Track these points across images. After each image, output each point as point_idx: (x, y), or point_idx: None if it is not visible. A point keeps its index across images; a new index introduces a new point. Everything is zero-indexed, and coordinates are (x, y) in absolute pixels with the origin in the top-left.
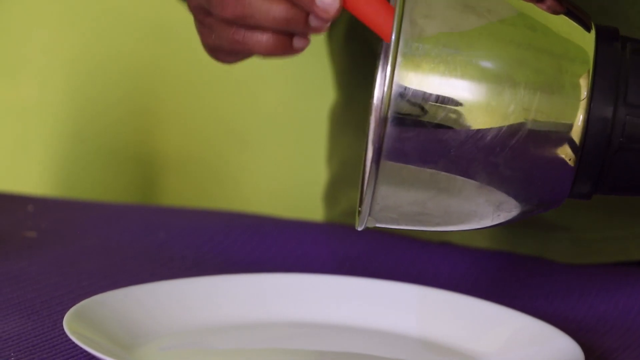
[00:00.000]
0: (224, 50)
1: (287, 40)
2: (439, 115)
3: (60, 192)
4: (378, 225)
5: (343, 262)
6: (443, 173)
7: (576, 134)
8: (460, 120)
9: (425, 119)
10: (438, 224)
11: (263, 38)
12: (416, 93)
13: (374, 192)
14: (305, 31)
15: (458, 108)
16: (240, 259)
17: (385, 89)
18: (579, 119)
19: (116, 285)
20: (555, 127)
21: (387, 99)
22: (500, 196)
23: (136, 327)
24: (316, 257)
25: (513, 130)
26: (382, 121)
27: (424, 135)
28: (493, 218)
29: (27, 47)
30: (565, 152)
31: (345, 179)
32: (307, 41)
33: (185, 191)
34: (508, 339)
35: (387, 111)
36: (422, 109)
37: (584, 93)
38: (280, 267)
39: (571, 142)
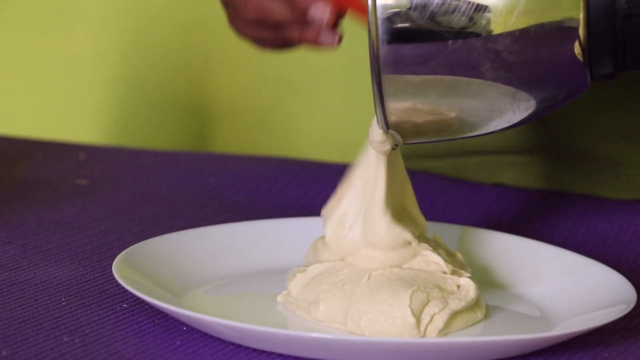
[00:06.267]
0: (266, 41)
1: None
2: (427, 10)
3: (112, 141)
4: (406, 142)
5: None
6: (445, 71)
7: (577, 7)
8: (450, 10)
9: (415, 16)
10: (462, 129)
11: (295, 33)
12: None
13: (382, 100)
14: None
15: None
16: (291, 203)
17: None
18: None
19: (167, 232)
20: (551, 2)
21: (373, 4)
22: (511, 85)
23: (184, 271)
24: None
25: (506, 13)
26: (374, 26)
27: (416, 32)
28: (514, 110)
29: None
30: (569, 29)
31: None
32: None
33: (236, 139)
34: (559, 278)
35: (375, 16)
36: (410, 6)
37: None
38: None
39: (573, 18)
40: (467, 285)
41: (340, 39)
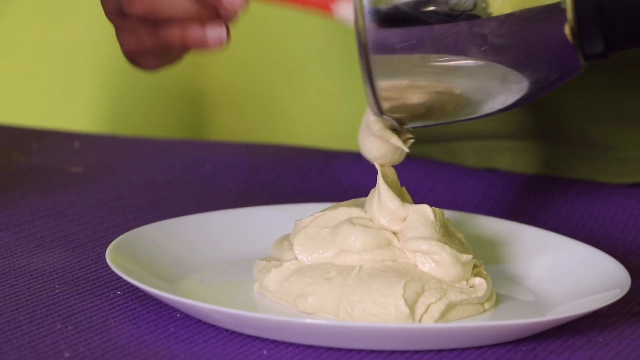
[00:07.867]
0: (148, 52)
1: (201, 32)
2: None
3: (107, 129)
4: (403, 127)
5: None
6: (434, 54)
7: None
8: None
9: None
10: (456, 112)
11: (176, 32)
12: None
13: (372, 84)
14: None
15: None
16: (287, 190)
17: None
18: None
19: (162, 219)
20: None
21: None
22: (501, 67)
23: (178, 259)
24: (363, 187)
25: None
26: (359, 10)
27: (402, 17)
28: (506, 93)
29: None
30: (558, 10)
31: None
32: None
33: (232, 126)
34: (554, 263)
35: (361, 1)
36: None
37: None
38: (327, 198)
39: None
40: (479, 286)
41: (229, 34)
